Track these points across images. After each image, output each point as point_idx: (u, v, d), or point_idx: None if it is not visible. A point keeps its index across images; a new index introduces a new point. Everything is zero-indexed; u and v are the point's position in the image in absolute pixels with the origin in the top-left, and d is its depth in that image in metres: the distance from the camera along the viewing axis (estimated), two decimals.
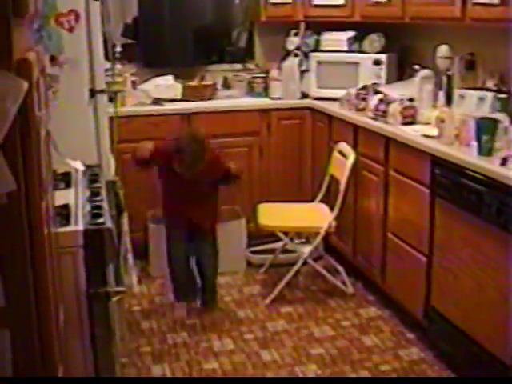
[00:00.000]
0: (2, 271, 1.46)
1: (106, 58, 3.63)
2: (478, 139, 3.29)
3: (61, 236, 2.26)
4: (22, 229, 1.47)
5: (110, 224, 2.46)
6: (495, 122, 3.30)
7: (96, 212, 2.53)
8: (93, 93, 3.39)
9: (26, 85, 1.39)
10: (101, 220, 2.45)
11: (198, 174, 3.91)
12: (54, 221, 2.12)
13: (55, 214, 2.28)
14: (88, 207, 2.61)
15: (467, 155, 3.32)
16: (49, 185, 1.95)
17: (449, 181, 3.39)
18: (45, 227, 1.57)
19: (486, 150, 3.25)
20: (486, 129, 3.27)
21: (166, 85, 5.00)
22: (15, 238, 1.46)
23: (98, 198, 2.72)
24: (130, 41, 5.26)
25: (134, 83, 5.01)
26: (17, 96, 1.36)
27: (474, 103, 3.71)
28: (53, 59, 3.11)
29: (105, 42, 3.53)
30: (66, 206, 2.54)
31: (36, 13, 2.11)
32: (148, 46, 5.27)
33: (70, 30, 3.22)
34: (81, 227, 2.37)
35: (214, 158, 4.04)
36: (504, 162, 3.08)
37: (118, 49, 4.93)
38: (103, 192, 2.83)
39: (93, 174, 3.08)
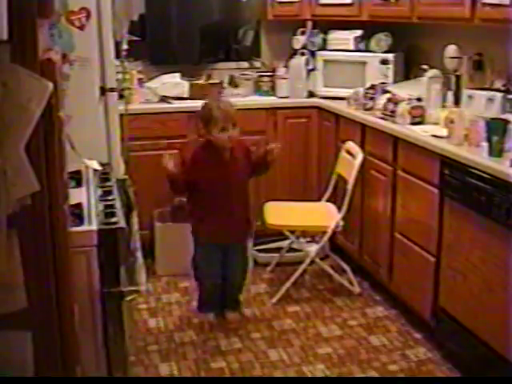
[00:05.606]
0: (24, 272, 1.45)
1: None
2: (489, 140, 3.28)
3: (75, 235, 2.24)
4: (45, 230, 1.46)
5: (123, 223, 2.45)
6: (505, 122, 3.29)
7: (109, 211, 2.52)
8: (103, 91, 3.38)
9: (50, 86, 1.38)
10: (114, 219, 2.44)
11: (233, 154, 3.85)
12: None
13: (69, 213, 2.27)
14: (100, 206, 2.60)
15: (477, 156, 3.31)
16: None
17: (458, 181, 3.38)
18: (67, 228, 1.57)
19: (496, 151, 3.24)
20: (496, 130, 3.26)
21: (172, 82, 4.99)
22: (38, 238, 1.46)
23: (110, 197, 2.71)
24: (135, 38, 5.24)
25: (140, 81, 5.00)
26: (42, 98, 1.36)
27: (483, 104, 3.71)
28: (63, 57, 3.10)
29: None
30: (78, 205, 2.53)
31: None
32: (155, 43, 5.26)
33: (81, 28, 3.21)
34: (95, 227, 2.35)
35: (241, 142, 3.96)
36: None
37: (125, 46, 4.91)
38: (115, 191, 2.83)
39: (103, 173, 3.06)
